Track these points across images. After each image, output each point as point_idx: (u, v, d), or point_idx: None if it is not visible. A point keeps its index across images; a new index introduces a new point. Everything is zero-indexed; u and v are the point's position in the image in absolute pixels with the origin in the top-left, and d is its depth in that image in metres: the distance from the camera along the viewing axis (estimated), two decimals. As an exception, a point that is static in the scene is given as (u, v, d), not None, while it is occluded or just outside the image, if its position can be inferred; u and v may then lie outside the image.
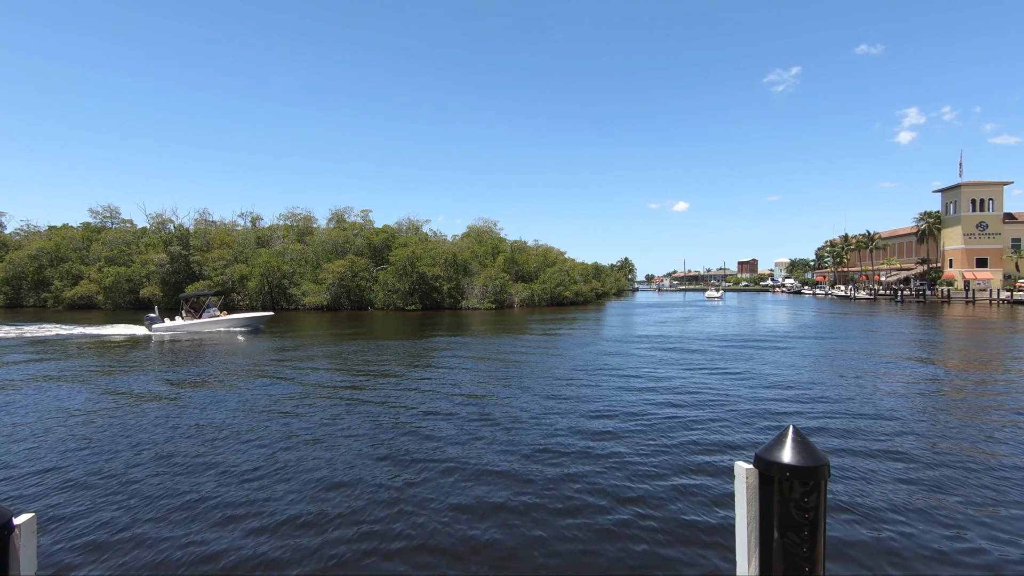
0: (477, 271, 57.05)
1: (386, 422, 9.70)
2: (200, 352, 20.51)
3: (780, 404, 11.00)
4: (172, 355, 19.58)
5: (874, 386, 12.88)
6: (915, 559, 4.97)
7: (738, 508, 1.87)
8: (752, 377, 14.10)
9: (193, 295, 31.60)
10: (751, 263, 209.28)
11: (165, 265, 52.84)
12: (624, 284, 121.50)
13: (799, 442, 1.75)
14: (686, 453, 7.82)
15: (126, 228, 62.48)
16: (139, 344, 23.25)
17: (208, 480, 6.92)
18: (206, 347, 22.16)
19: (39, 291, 57.36)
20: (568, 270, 66.63)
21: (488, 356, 18.67)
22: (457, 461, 7.53)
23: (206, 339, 25.33)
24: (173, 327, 28.06)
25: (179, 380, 14.47)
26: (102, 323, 33.85)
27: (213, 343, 23.66)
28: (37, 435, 9.08)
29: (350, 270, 52.22)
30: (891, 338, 23.88)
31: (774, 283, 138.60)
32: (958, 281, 66.32)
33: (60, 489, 6.67)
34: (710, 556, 5.02)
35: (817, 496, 1.69)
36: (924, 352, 19.38)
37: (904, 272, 79.45)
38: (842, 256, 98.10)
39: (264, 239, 62.07)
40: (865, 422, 9.54)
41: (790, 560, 1.70)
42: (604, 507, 6.02)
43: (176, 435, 8.98)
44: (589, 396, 11.81)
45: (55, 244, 58.55)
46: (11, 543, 1.44)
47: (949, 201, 72.15)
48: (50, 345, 22.28)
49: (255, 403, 11.42)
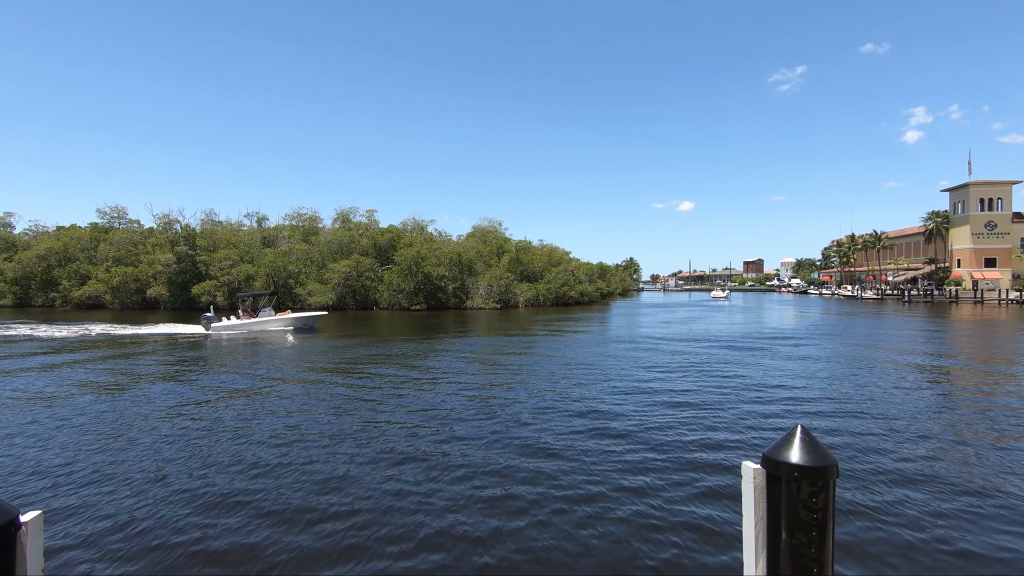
0: (482, 271, 57.05)
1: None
2: (258, 350, 21.22)
3: (788, 404, 10.93)
4: (236, 352, 20.71)
5: (883, 386, 12.79)
6: (926, 560, 4.92)
7: (745, 508, 1.85)
8: (759, 376, 14.03)
9: (250, 294, 32.24)
10: (757, 263, 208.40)
11: (172, 265, 53.07)
12: (629, 284, 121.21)
13: (807, 442, 1.73)
14: (691, 452, 7.78)
15: (133, 228, 62.81)
16: (202, 342, 23.91)
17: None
18: (266, 345, 22.74)
19: (47, 291, 57.74)
20: (573, 270, 66.49)
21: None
22: (469, 460, 7.53)
23: (263, 338, 25.97)
24: (231, 326, 28.74)
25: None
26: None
27: (270, 342, 24.18)
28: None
29: (355, 270, 52.34)
30: (899, 338, 23.72)
31: (780, 283, 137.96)
32: (966, 281, 65.80)
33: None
34: (717, 555, 4.99)
35: (826, 496, 1.68)
36: (933, 352, 19.23)
37: (911, 272, 78.87)
38: (849, 256, 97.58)
39: (270, 239, 62.29)
40: (875, 422, 9.47)
41: (798, 560, 1.69)
42: (609, 504, 6.00)
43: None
44: (594, 396, 11.78)
45: (63, 244, 58.94)
46: (18, 540, 1.44)
47: (957, 200, 71.59)
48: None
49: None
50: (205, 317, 28.31)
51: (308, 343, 23.40)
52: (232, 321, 29.12)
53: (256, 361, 18.06)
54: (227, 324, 28.70)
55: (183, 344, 23.39)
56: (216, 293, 51.65)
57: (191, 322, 33.68)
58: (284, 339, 25.28)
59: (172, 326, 31.10)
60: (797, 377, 14.07)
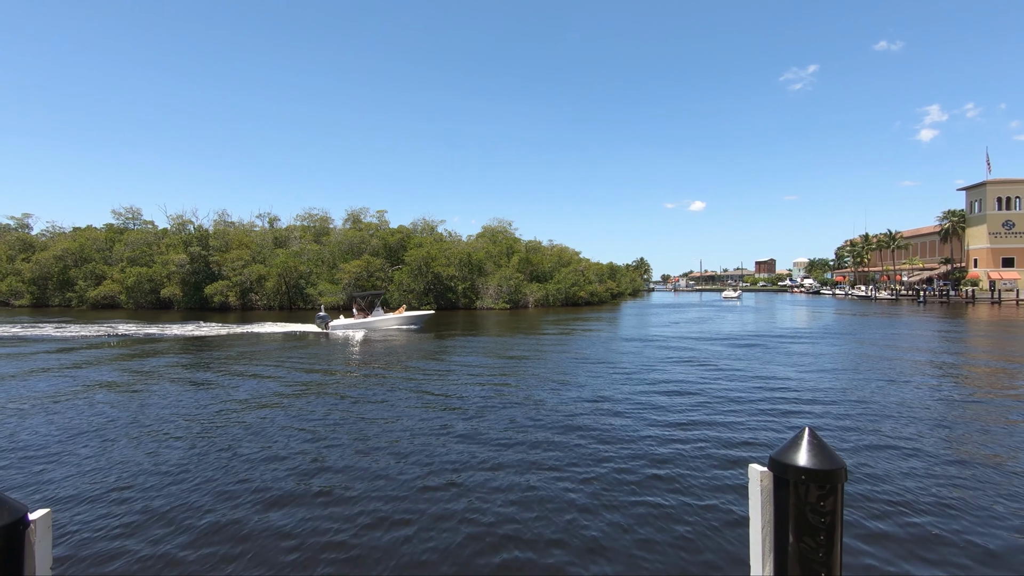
0: (492, 271, 57.10)
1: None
2: (381, 347, 22.37)
3: (795, 405, 10.83)
4: (362, 348, 22.07)
5: (895, 388, 12.62)
6: (936, 566, 4.85)
7: (752, 511, 1.83)
8: (769, 377, 13.90)
9: (365, 294, 33.22)
10: (769, 263, 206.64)
11: (185, 265, 53.66)
12: (640, 284, 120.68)
13: (815, 444, 1.71)
14: (699, 454, 7.72)
15: (147, 229, 63.58)
16: (322, 340, 25.00)
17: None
18: (384, 343, 23.76)
19: (64, 291, 58.61)
20: (583, 270, 66.32)
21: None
22: (488, 456, 7.54)
23: (379, 335, 26.99)
24: (348, 324, 29.82)
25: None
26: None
27: (386, 339, 25.23)
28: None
29: (366, 270, 52.61)
30: (914, 339, 23.40)
31: (792, 283, 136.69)
32: (983, 281, 64.74)
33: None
34: (724, 558, 4.95)
35: (834, 500, 1.66)
36: (949, 354, 18.95)
37: (927, 272, 77.77)
38: (862, 256, 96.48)
39: (281, 240, 62.79)
40: (885, 424, 9.35)
41: (806, 565, 1.67)
42: (617, 504, 5.98)
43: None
44: (603, 395, 11.74)
45: (79, 245, 59.79)
46: (27, 538, 1.45)
47: (974, 199, 70.45)
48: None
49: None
50: (320, 316, 29.36)
51: (421, 339, 24.82)
52: (350, 320, 30.32)
53: (390, 355, 19.53)
54: (345, 322, 29.90)
55: (310, 341, 24.39)
56: (228, 293, 52.19)
57: (206, 320, 34.15)
58: (401, 335, 26.77)
59: (285, 325, 32.16)
60: (807, 378, 13.93)
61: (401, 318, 30.78)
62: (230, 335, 26.77)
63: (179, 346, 22.31)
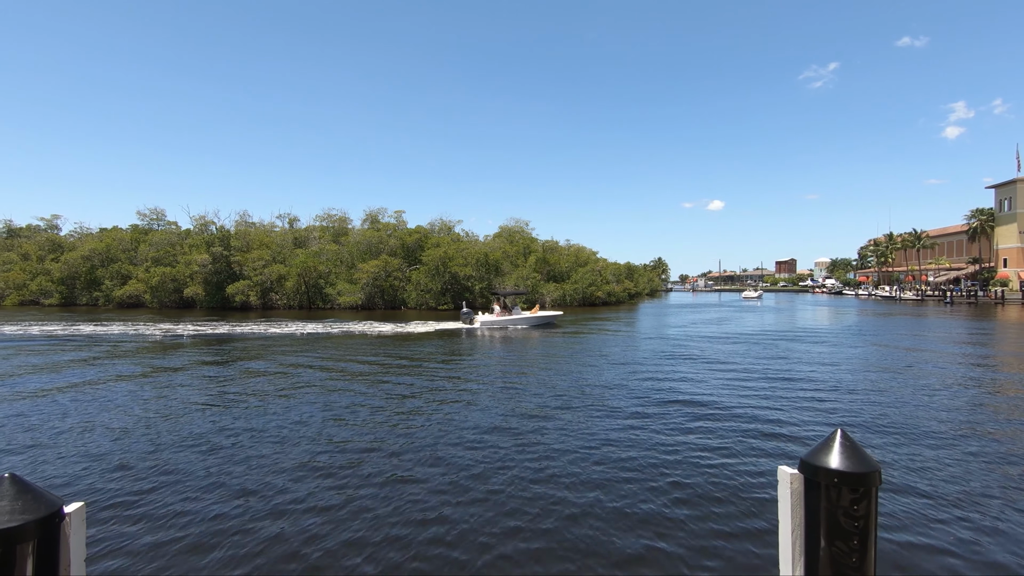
0: (509, 271, 57.15)
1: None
2: (528, 342, 23.56)
3: (828, 406, 10.63)
4: (518, 343, 23.27)
5: (929, 390, 12.31)
6: (973, 573, 4.72)
7: (781, 514, 1.80)
8: (797, 379, 13.68)
9: (506, 293, 34.30)
10: (789, 263, 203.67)
11: (207, 265, 54.63)
12: (657, 284, 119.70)
13: (848, 447, 1.67)
14: (727, 455, 7.63)
15: (171, 230, 64.84)
16: (471, 335, 27.06)
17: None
18: (526, 339, 24.87)
19: (91, 290, 60.10)
20: (600, 270, 65.98)
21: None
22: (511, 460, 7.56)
23: (519, 333, 28.15)
24: (493, 322, 30.99)
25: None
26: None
27: (527, 336, 26.42)
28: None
29: (384, 270, 53.00)
30: (943, 341, 22.83)
31: (814, 283, 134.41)
32: (1013, 281, 62.92)
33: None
34: (752, 560, 4.88)
35: (868, 504, 1.62)
36: (980, 356, 18.45)
37: (954, 272, 75.89)
38: (887, 256, 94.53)
39: (301, 240, 63.63)
40: (920, 426, 9.12)
41: (838, 570, 1.64)
42: (642, 505, 5.94)
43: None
44: (626, 396, 11.67)
45: (106, 245, 61.22)
46: (62, 531, 1.48)
47: (1003, 197, 68.48)
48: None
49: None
50: (464, 312, 31.03)
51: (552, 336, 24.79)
52: (491, 317, 31.35)
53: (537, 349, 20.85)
54: (491, 319, 31.00)
55: (464, 338, 25.64)
56: (249, 293, 52.99)
57: (231, 319, 34.73)
58: (530, 333, 28.01)
59: (433, 324, 33.13)
60: (837, 380, 13.66)
61: (536, 317, 32.10)
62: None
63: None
